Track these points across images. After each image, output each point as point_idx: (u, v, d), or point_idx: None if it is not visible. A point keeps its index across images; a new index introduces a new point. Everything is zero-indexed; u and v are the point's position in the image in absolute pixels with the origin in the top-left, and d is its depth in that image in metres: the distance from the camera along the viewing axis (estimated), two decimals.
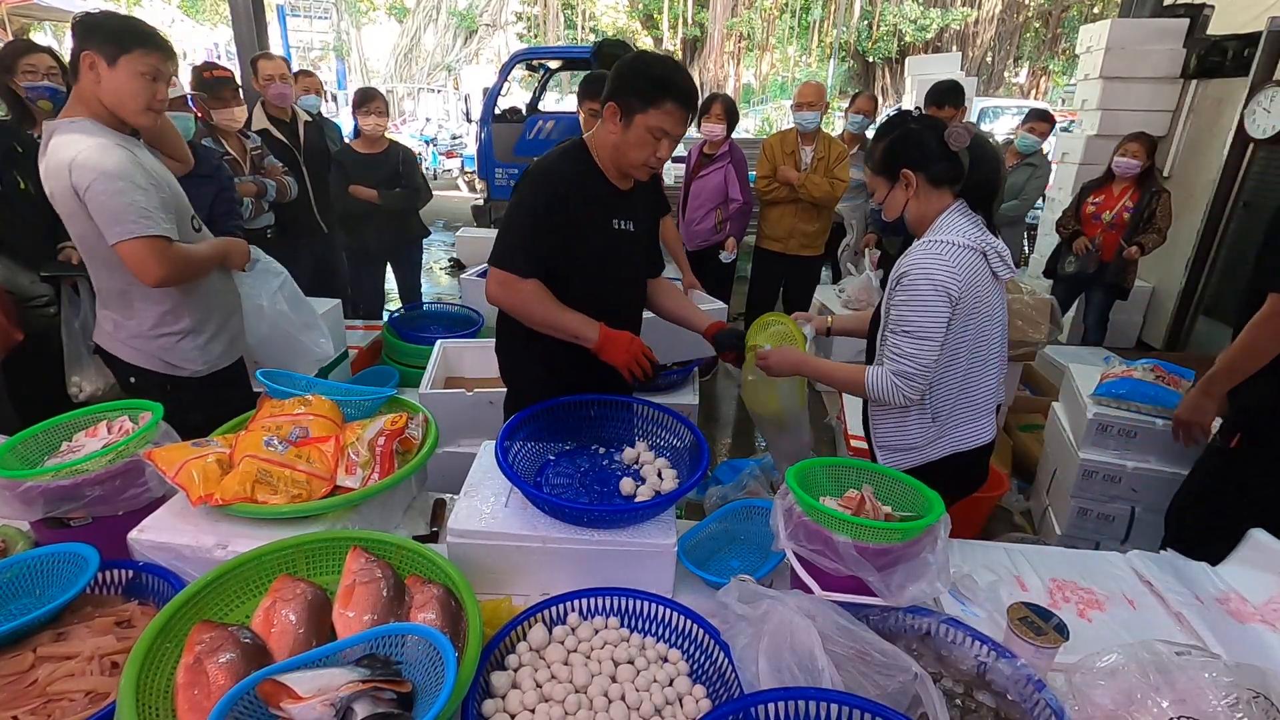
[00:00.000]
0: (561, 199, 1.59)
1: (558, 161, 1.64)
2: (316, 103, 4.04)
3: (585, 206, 1.62)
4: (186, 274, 1.78)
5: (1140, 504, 2.53)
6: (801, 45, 20.64)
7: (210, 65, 3.16)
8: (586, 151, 1.65)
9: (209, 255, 1.87)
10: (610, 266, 1.70)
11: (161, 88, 1.69)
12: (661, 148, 1.55)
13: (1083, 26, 5.44)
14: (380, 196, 3.64)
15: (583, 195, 1.61)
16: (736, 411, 4.18)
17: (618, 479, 1.44)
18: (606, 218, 1.66)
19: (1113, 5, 15.87)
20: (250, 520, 1.24)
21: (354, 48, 21.42)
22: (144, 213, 1.62)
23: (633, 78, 1.52)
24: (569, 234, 1.61)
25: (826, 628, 1.01)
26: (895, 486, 1.28)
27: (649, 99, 1.49)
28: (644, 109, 1.50)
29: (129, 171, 1.62)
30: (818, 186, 3.54)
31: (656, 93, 1.49)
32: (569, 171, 1.62)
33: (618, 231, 1.68)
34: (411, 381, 2.66)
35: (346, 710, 0.84)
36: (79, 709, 0.94)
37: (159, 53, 1.66)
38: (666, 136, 1.54)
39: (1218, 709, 0.92)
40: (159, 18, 14.78)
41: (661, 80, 1.50)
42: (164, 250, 1.67)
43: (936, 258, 1.52)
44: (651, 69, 1.52)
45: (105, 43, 1.60)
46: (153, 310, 1.83)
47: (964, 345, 1.58)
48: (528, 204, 1.60)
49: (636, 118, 1.51)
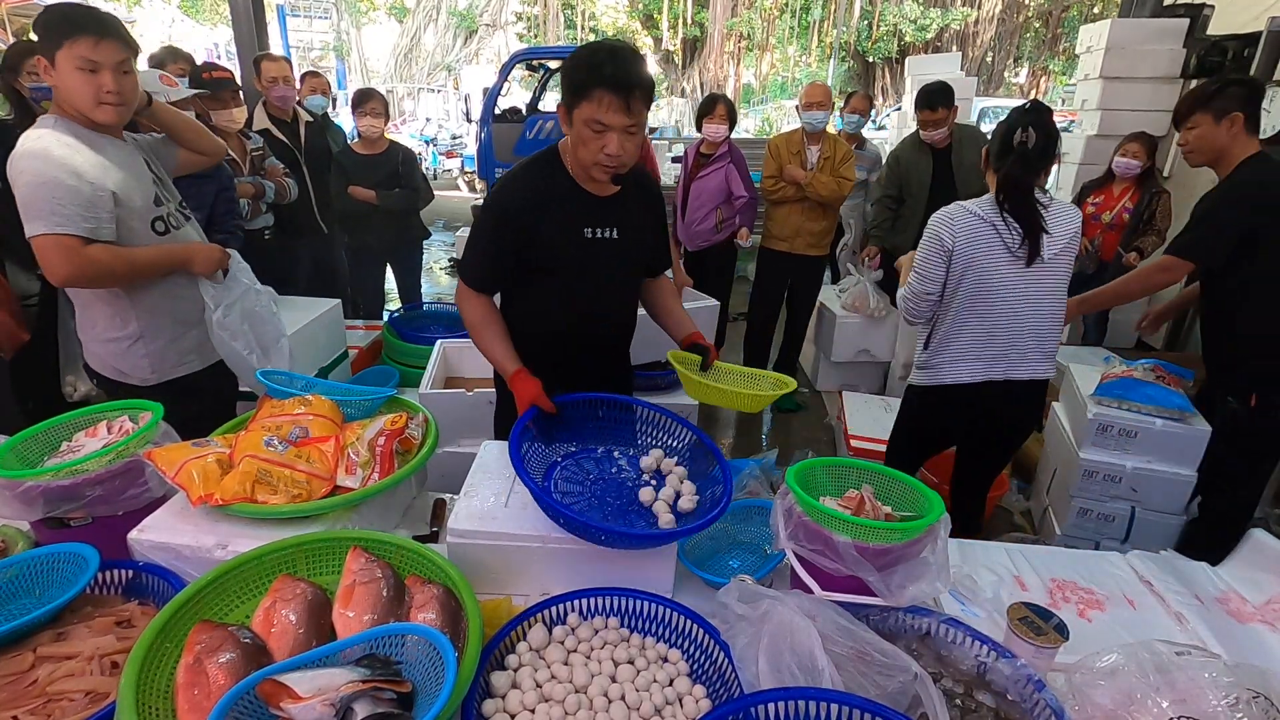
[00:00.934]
0: (514, 214, 1.54)
1: (520, 174, 1.60)
2: (324, 103, 4.05)
3: (551, 217, 1.55)
4: (108, 276, 1.67)
5: (1140, 504, 2.53)
6: (801, 45, 20.63)
7: (210, 66, 3.16)
8: (558, 160, 1.58)
9: (151, 259, 1.73)
10: (588, 275, 1.63)
11: (105, 78, 1.57)
12: (608, 142, 1.42)
13: (1083, 26, 5.44)
14: (379, 197, 3.64)
15: (547, 206, 1.55)
16: (737, 411, 4.18)
17: (630, 489, 1.39)
18: (577, 227, 1.59)
19: (1113, 5, 15.88)
20: (250, 520, 1.24)
21: (354, 48, 21.42)
22: (55, 208, 1.53)
23: (565, 73, 1.43)
24: (534, 246, 1.56)
25: (826, 628, 1.01)
26: (895, 486, 1.28)
27: (577, 90, 1.40)
28: (577, 103, 1.41)
29: (55, 165, 1.54)
30: (825, 185, 3.54)
31: (583, 82, 1.39)
32: (529, 185, 1.57)
33: (592, 240, 1.60)
34: (411, 381, 2.66)
35: (346, 710, 0.84)
36: (79, 709, 0.94)
37: (87, 37, 1.53)
38: (606, 129, 1.41)
39: (1218, 709, 0.92)
40: (159, 18, 14.79)
41: (586, 67, 1.38)
42: (72, 249, 1.56)
43: (946, 215, 1.93)
44: (578, 59, 1.41)
45: (44, 42, 1.55)
46: (101, 313, 1.77)
47: (958, 294, 1.95)
48: (483, 220, 1.59)
49: (574, 114, 1.43)
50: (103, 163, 1.64)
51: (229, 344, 1.87)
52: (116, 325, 1.78)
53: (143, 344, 1.81)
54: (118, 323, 1.78)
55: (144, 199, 1.74)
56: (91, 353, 1.85)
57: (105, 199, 1.63)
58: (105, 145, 1.67)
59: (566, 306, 1.66)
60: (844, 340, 4.07)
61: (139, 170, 1.76)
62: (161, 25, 14.58)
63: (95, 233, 1.60)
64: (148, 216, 1.75)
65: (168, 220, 1.81)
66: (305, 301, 2.95)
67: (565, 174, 1.57)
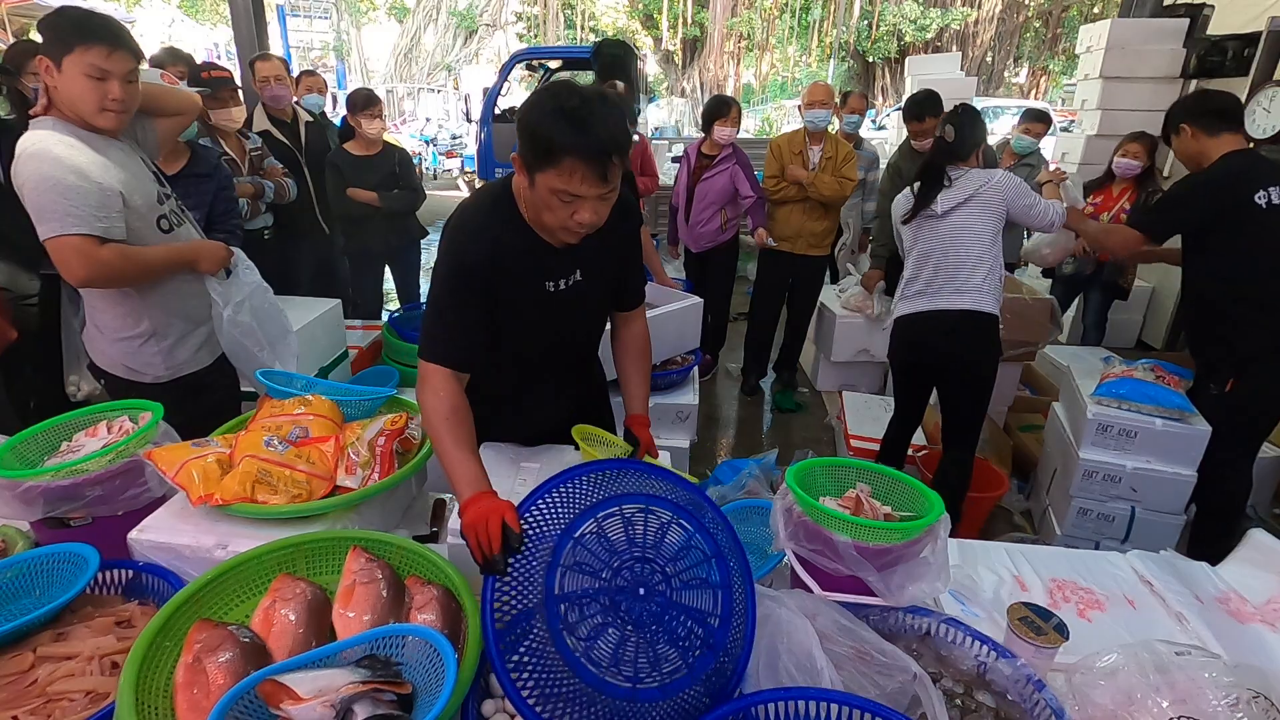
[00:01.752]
0: (476, 269, 1.30)
1: (475, 220, 1.34)
2: (321, 102, 4.04)
3: (510, 273, 1.33)
4: (122, 277, 1.68)
5: (1140, 504, 2.53)
6: (801, 45, 20.63)
7: (209, 65, 3.17)
8: (513, 203, 1.34)
9: (163, 259, 1.75)
10: (548, 328, 1.46)
11: (113, 86, 1.59)
12: (580, 209, 1.19)
13: (1083, 26, 5.44)
14: (380, 199, 3.64)
15: (505, 259, 1.32)
16: (738, 411, 4.18)
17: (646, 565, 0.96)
18: (538, 280, 1.37)
19: (1113, 5, 15.87)
20: (250, 520, 1.24)
21: (354, 48, 21.42)
22: (69, 209, 1.54)
23: (525, 125, 1.17)
24: (493, 299, 1.34)
25: (826, 627, 1.01)
26: (895, 486, 1.28)
27: (541, 154, 1.15)
28: (541, 167, 1.17)
29: (62, 167, 1.54)
30: (827, 185, 3.54)
31: (548, 148, 1.14)
32: (487, 234, 1.32)
33: (553, 293, 1.39)
34: (411, 381, 2.65)
35: (347, 711, 0.84)
36: (79, 709, 0.94)
37: (101, 45, 1.54)
38: (578, 199, 1.18)
39: (1218, 709, 0.92)
40: (159, 18, 14.78)
41: (553, 128, 1.12)
42: (89, 250, 1.57)
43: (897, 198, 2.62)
44: (542, 112, 1.14)
45: (51, 44, 1.55)
46: (112, 312, 1.78)
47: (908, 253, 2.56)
48: (441, 281, 1.32)
49: (536, 177, 1.19)
50: (106, 163, 1.64)
51: (239, 341, 1.89)
52: (128, 324, 1.79)
53: (155, 341, 1.82)
54: (130, 321, 1.79)
55: (148, 197, 1.75)
56: (100, 351, 1.85)
57: (114, 198, 1.63)
58: (105, 146, 1.67)
59: (527, 351, 1.50)
60: (844, 340, 4.07)
61: (140, 169, 1.76)
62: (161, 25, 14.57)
63: (108, 232, 1.61)
64: (152, 215, 1.76)
65: (170, 217, 1.82)
66: (305, 301, 2.95)
67: (521, 220, 1.33)
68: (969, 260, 2.40)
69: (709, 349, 4.35)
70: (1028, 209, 2.38)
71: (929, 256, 2.45)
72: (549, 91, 1.18)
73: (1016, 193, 2.36)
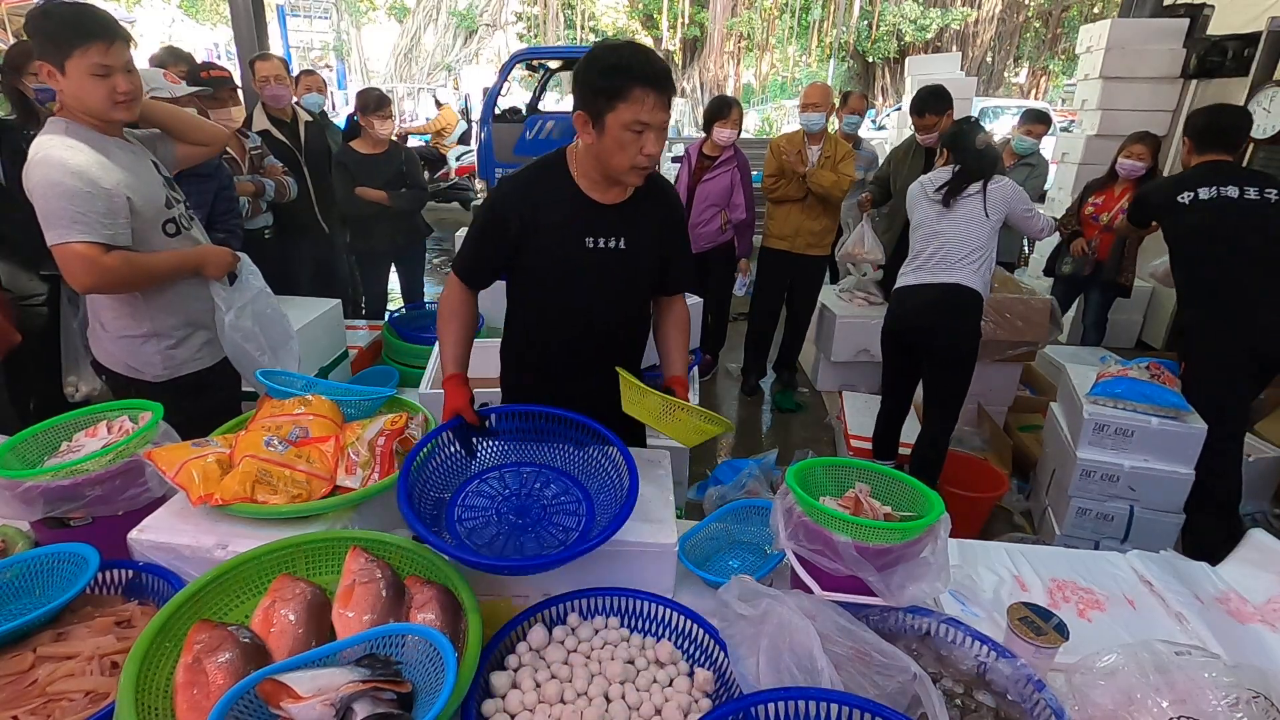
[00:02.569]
0: (505, 213, 1.50)
1: (521, 175, 1.54)
2: (320, 102, 4.04)
3: (548, 224, 1.50)
4: (127, 283, 1.70)
5: (1139, 503, 2.53)
6: (801, 45, 20.62)
7: (208, 65, 3.17)
8: (564, 165, 1.52)
9: (168, 264, 1.77)
10: (585, 286, 1.56)
11: (119, 80, 1.60)
12: (647, 142, 1.36)
13: (1083, 26, 5.44)
14: (390, 198, 3.65)
15: (542, 211, 1.49)
16: (738, 411, 4.18)
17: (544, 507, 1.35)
18: (578, 236, 1.51)
19: (1113, 5, 15.87)
20: (250, 520, 1.24)
21: (354, 48, 21.41)
22: (77, 216, 1.55)
23: (589, 77, 1.35)
24: (529, 252, 1.52)
25: (826, 627, 1.01)
26: (895, 486, 1.28)
27: (613, 93, 1.33)
28: (612, 106, 1.33)
29: (71, 172, 1.55)
30: (825, 177, 3.56)
31: (618, 84, 1.32)
32: (526, 186, 1.52)
33: (594, 250, 1.52)
34: (411, 381, 2.66)
35: (346, 710, 0.84)
36: (79, 709, 0.94)
37: (99, 42, 1.55)
38: (647, 128, 1.35)
39: (1218, 709, 0.92)
40: (159, 18, 14.78)
41: (619, 69, 1.32)
42: (94, 257, 1.58)
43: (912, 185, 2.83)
44: (604, 62, 1.34)
45: (49, 49, 1.55)
46: (115, 311, 1.79)
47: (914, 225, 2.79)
48: (478, 214, 1.58)
49: (607, 119, 1.35)
50: (115, 167, 1.65)
51: (241, 345, 1.89)
52: (130, 323, 1.80)
53: (156, 341, 1.83)
54: (132, 321, 1.80)
55: (155, 202, 1.75)
56: (103, 349, 1.86)
57: (121, 204, 1.64)
58: (116, 149, 1.68)
59: (568, 319, 1.61)
60: (844, 340, 4.08)
61: (149, 173, 1.76)
62: (161, 25, 14.57)
63: (114, 239, 1.62)
64: (159, 220, 1.76)
65: (179, 222, 1.82)
66: (305, 301, 2.95)
67: (569, 180, 1.51)
68: (967, 244, 2.62)
69: (709, 349, 4.36)
70: (1026, 215, 2.66)
71: (934, 236, 2.67)
72: (601, 47, 1.38)
73: (1019, 200, 2.64)
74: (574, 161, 1.51)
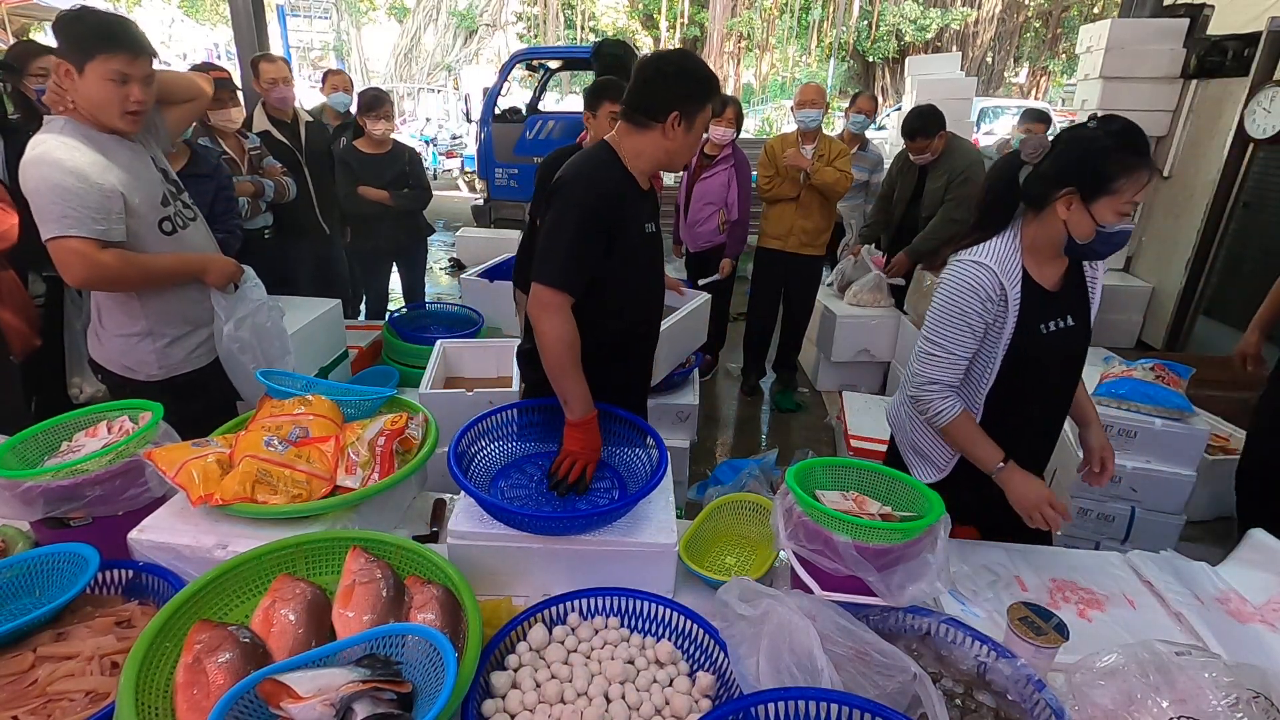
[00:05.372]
0: (603, 210, 1.52)
1: (597, 168, 1.57)
2: (347, 101, 4.04)
3: (629, 214, 1.58)
4: (122, 281, 1.70)
5: (1140, 504, 2.53)
6: (801, 45, 20.62)
7: (207, 66, 3.16)
8: (616, 155, 1.59)
9: (168, 267, 1.77)
10: (646, 271, 1.69)
11: (135, 89, 1.62)
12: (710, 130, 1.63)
13: (1083, 26, 5.44)
14: (392, 197, 3.65)
15: (625, 202, 1.57)
16: (738, 411, 4.18)
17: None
18: (639, 221, 1.63)
19: (1113, 5, 15.87)
20: (250, 520, 1.24)
21: (354, 48, 21.40)
22: (70, 211, 1.55)
23: (690, 83, 1.52)
24: (618, 243, 1.55)
25: (826, 628, 1.01)
26: (895, 486, 1.28)
27: (704, 97, 1.53)
28: (701, 108, 1.54)
29: (64, 169, 1.55)
30: (829, 174, 3.55)
31: (709, 91, 1.54)
32: (610, 179, 1.56)
33: (646, 235, 1.66)
34: (411, 381, 2.66)
35: (347, 710, 0.84)
36: (79, 709, 0.94)
37: (124, 53, 1.58)
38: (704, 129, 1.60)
39: (1218, 709, 0.92)
40: (159, 18, 14.78)
41: (710, 80, 1.55)
42: (88, 252, 1.58)
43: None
44: (700, 71, 1.55)
45: (72, 49, 1.56)
46: (114, 309, 1.80)
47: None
48: (564, 217, 1.49)
49: (697, 119, 1.54)
50: (112, 165, 1.65)
51: (236, 356, 1.89)
52: (127, 322, 1.80)
53: (150, 340, 1.83)
54: (128, 319, 1.80)
55: (151, 199, 1.75)
56: (99, 347, 1.86)
57: (115, 200, 1.64)
58: (113, 147, 1.67)
59: (634, 309, 1.68)
60: (844, 340, 4.07)
61: (146, 170, 1.76)
62: (161, 25, 14.59)
63: (107, 234, 1.62)
64: (154, 217, 1.76)
65: (175, 220, 1.81)
66: (305, 301, 2.95)
67: (624, 170, 1.59)
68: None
69: (709, 349, 4.36)
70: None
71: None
72: (687, 60, 1.55)
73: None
74: (624, 155, 1.59)
